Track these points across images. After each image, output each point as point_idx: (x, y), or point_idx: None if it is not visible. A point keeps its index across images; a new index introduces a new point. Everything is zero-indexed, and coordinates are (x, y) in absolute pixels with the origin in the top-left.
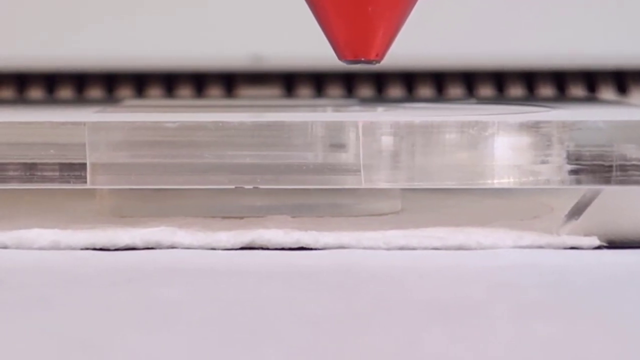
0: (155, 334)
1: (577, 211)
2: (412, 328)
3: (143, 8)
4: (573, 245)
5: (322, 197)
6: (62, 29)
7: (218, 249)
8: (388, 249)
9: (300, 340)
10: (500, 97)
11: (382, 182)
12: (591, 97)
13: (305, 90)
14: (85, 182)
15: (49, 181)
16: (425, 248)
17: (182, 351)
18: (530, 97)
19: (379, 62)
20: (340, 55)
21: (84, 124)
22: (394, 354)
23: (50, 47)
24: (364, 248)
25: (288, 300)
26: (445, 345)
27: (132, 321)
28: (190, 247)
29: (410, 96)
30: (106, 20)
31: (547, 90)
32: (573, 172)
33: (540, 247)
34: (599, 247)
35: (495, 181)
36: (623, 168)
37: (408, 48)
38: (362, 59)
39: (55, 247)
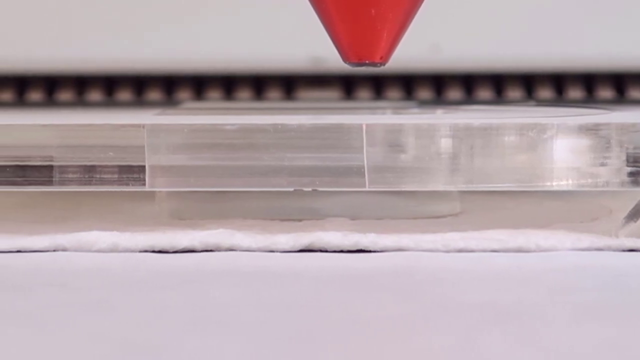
0: (214, 336)
1: (635, 213)
2: (470, 331)
3: (203, 11)
4: (632, 248)
5: (380, 200)
6: (122, 31)
7: (276, 252)
8: (447, 252)
9: (358, 343)
10: (560, 99)
11: (440, 185)
12: None
13: (364, 93)
14: (144, 184)
15: (108, 183)
16: (484, 250)
17: (240, 354)
18: (590, 99)
19: (383, 64)
20: (344, 58)
21: (143, 126)
22: (452, 357)
23: (110, 49)
24: (423, 250)
25: (346, 303)
26: (503, 348)
27: (190, 324)
28: (249, 250)
29: (470, 98)
30: (166, 22)
31: (606, 93)
32: (632, 174)
33: (599, 249)
34: None
35: (554, 183)
36: None
37: (467, 50)
38: (367, 62)
39: (114, 249)
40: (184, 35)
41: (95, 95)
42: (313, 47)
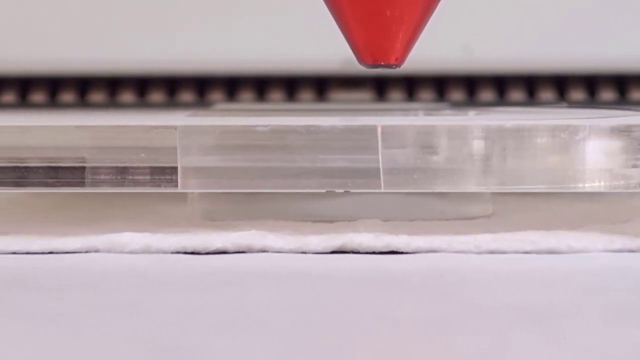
0: (246, 338)
1: None
2: (502, 332)
3: (235, 12)
4: None
5: (413, 201)
6: (155, 32)
7: (309, 253)
8: (479, 253)
9: (390, 344)
10: (592, 101)
11: (473, 186)
12: None
13: (396, 94)
14: (177, 185)
15: (140, 185)
16: (516, 252)
17: (272, 355)
18: (622, 101)
19: (398, 66)
20: (359, 59)
21: (176, 127)
22: (484, 358)
23: (143, 50)
24: (455, 252)
25: (378, 304)
26: (535, 349)
27: (223, 325)
28: (281, 251)
29: (502, 100)
30: (198, 24)
31: (639, 94)
32: None
33: (631, 250)
34: None
35: (587, 185)
36: None
37: (499, 52)
38: (382, 63)
39: (147, 251)
40: (217, 37)
41: (127, 96)
42: (345, 49)
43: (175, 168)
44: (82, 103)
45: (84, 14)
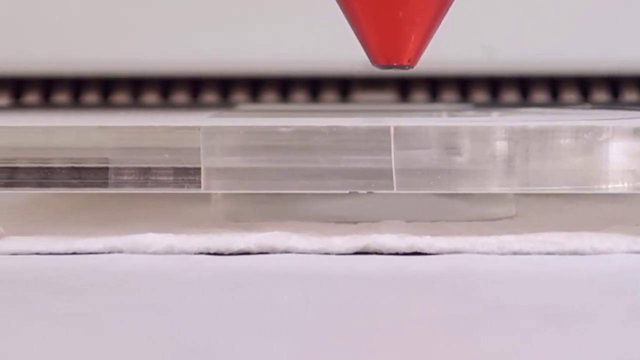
0: (270, 338)
1: None
2: (525, 333)
3: (258, 13)
4: None
5: (436, 202)
6: (178, 33)
7: (332, 254)
8: (502, 254)
9: (413, 345)
10: (615, 102)
11: (496, 187)
12: None
13: (420, 95)
14: (200, 186)
15: (164, 185)
16: (539, 253)
17: (295, 356)
18: None
19: (411, 67)
20: (372, 60)
21: (199, 128)
22: (507, 359)
23: (166, 51)
24: (478, 253)
25: (402, 305)
26: (558, 350)
27: (246, 326)
28: (305, 252)
29: (525, 101)
30: (221, 25)
31: None
32: None
33: None
34: None
35: (610, 186)
36: None
37: (522, 53)
38: (395, 64)
39: (170, 251)
40: (240, 38)
41: (151, 97)
42: None
43: (199, 169)
44: (106, 104)
45: (107, 14)
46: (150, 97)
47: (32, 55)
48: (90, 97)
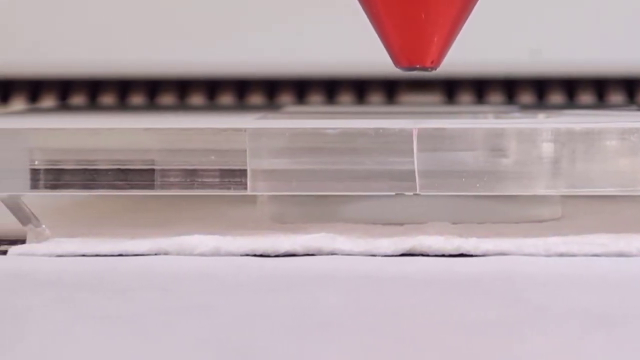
0: (316, 340)
1: None
2: (572, 335)
3: (305, 15)
4: None
5: (482, 203)
6: (224, 35)
7: (378, 256)
8: (548, 256)
9: (459, 347)
10: None
11: (542, 189)
12: None
13: (465, 97)
14: (246, 188)
15: (210, 187)
16: (586, 255)
17: (341, 358)
18: None
19: (434, 69)
20: (395, 62)
21: (245, 130)
22: None
23: (213, 53)
24: (524, 255)
25: (447, 307)
26: (605, 352)
27: (292, 327)
28: (351, 254)
29: (571, 103)
30: (268, 27)
31: None
32: None
33: None
34: None
35: None
36: None
37: (568, 55)
38: (418, 66)
39: (216, 253)
40: (287, 40)
41: (197, 99)
42: None
43: (245, 171)
44: (152, 105)
45: (155, 17)
46: (197, 99)
47: (79, 57)
48: (137, 98)
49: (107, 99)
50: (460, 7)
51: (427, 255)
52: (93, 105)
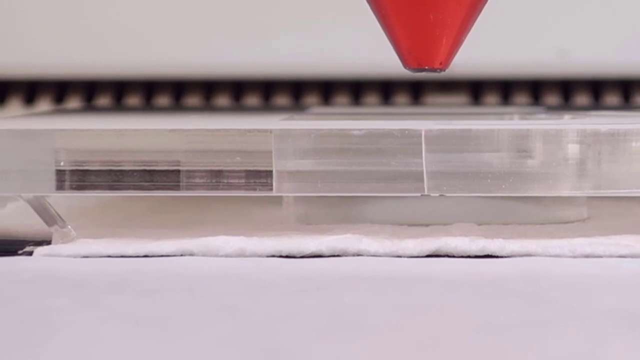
0: (342, 341)
1: None
2: (598, 336)
3: (330, 16)
4: None
5: (508, 205)
6: (250, 36)
7: (404, 257)
8: (574, 257)
9: (484, 348)
10: None
11: (568, 190)
12: None
13: (491, 98)
14: (271, 189)
15: (235, 188)
16: (611, 256)
17: (368, 358)
18: None
19: (443, 70)
20: (404, 64)
21: (271, 131)
22: None
23: (238, 54)
24: (550, 256)
25: (473, 308)
26: (632, 354)
27: (318, 328)
28: (376, 255)
29: (597, 104)
30: (294, 28)
31: None
32: None
33: None
34: None
35: None
36: None
37: (595, 56)
38: (426, 67)
39: (242, 254)
40: (312, 41)
41: (223, 100)
42: None
43: (270, 172)
44: (178, 106)
45: (180, 17)
46: (222, 100)
47: (105, 58)
48: (162, 99)
49: (133, 100)
50: (468, 8)
51: (453, 257)
52: (118, 106)
